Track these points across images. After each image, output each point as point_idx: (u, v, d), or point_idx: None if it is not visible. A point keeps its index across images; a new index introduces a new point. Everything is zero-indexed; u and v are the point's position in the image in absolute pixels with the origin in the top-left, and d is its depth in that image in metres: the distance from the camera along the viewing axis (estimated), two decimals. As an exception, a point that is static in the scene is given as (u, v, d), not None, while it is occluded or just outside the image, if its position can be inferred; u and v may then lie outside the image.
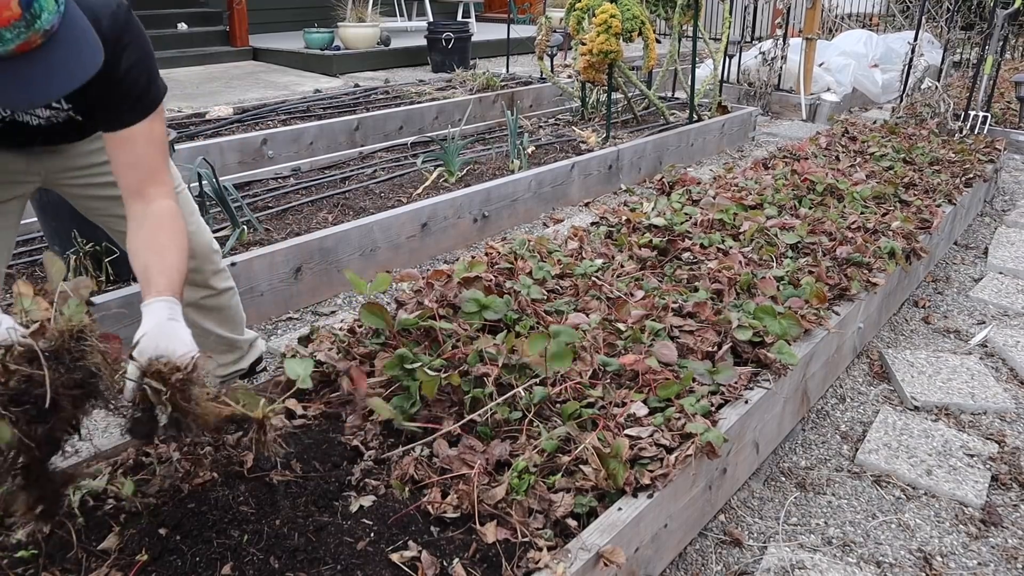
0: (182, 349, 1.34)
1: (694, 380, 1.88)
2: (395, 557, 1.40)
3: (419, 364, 1.79)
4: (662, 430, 1.69)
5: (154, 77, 1.59)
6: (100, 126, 1.59)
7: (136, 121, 1.56)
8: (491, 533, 1.46)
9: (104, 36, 1.44)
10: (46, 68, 1.26)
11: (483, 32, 10.06)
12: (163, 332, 1.37)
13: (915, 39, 5.38)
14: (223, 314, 2.21)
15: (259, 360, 2.38)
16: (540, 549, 1.41)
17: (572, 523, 1.49)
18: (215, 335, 2.20)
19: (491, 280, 2.22)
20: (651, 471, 1.60)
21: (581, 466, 1.60)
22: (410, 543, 1.45)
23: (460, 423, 1.71)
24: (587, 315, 2.15)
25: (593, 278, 2.40)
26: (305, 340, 2.09)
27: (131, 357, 1.29)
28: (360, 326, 2.07)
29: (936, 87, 5.24)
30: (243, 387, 1.40)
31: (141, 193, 1.56)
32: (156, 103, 1.60)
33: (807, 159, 3.91)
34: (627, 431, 1.68)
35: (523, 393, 1.78)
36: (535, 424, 1.71)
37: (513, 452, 1.65)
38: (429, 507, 1.52)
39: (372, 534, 1.47)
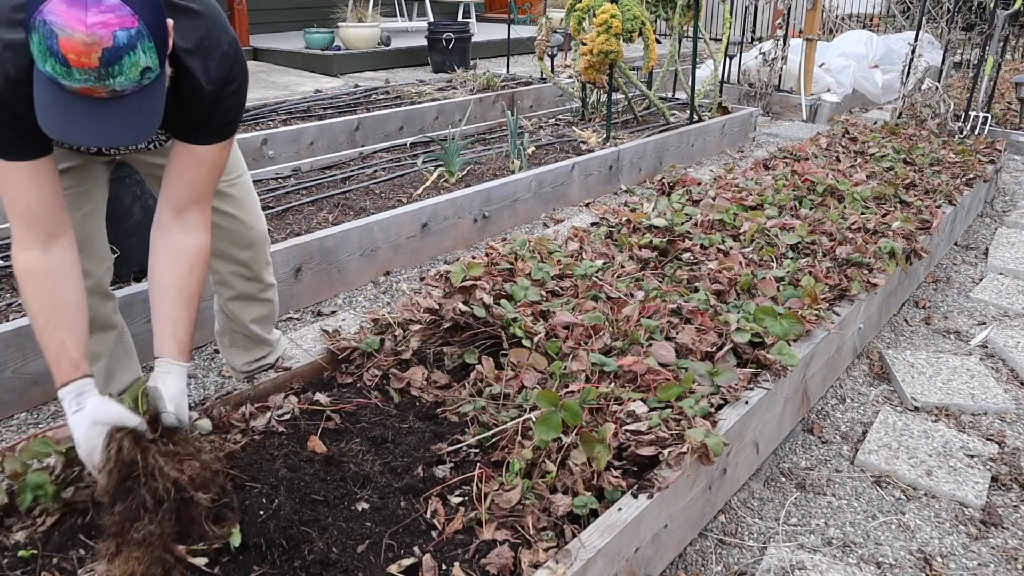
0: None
1: (694, 381, 1.88)
2: (393, 568, 1.40)
3: None
4: (662, 430, 1.69)
5: (241, 112, 1.63)
6: (175, 136, 1.60)
7: (209, 143, 1.59)
8: (491, 533, 1.46)
9: (213, 73, 1.50)
10: (96, 117, 1.28)
11: (483, 32, 10.06)
12: (182, 404, 1.48)
13: (915, 40, 5.38)
14: (266, 309, 2.24)
15: (280, 357, 2.40)
16: (540, 550, 1.41)
17: (572, 524, 1.49)
18: (249, 331, 2.22)
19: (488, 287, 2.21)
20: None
21: (572, 450, 1.59)
22: (411, 543, 1.45)
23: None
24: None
25: (593, 279, 2.40)
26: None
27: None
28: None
29: (936, 88, 5.24)
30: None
31: (182, 212, 1.59)
32: (232, 133, 1.64)
33: (807, 160, 3.91)
34: (626, 427, 1.68)
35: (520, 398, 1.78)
36: (531, 428, 1.71)
37: (508, 449, 1.65)
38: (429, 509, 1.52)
39: (373, 535, 1.47)
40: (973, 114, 5.09)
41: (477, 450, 1.70)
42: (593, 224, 3.04)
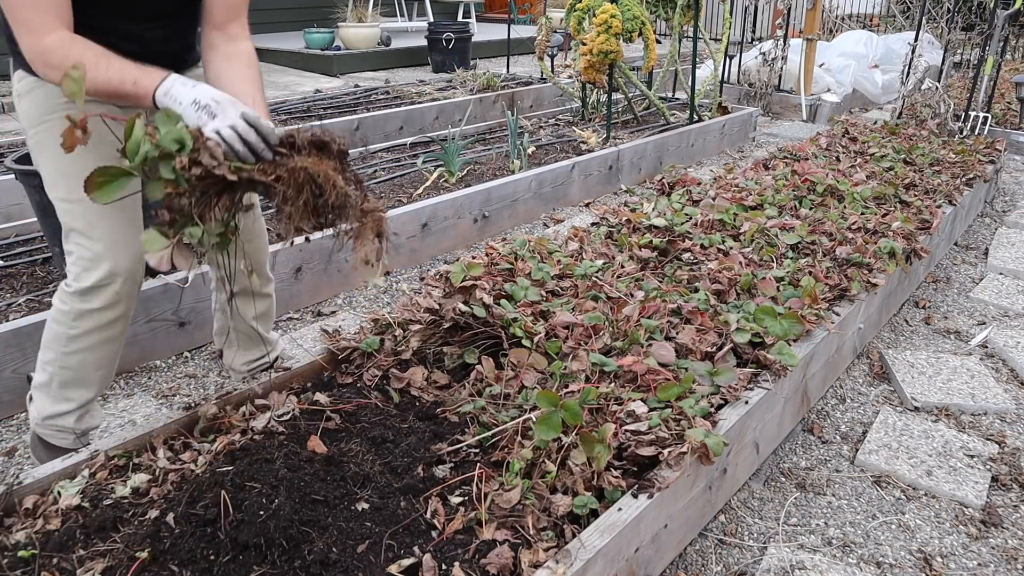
0: None
1: (694, 381, 1.88)
2: (393, 568, 1.40)
3: None
4: (662, 430, 1.69)
5: None
6: None
7: None
8: (491, 533, 1.46)
9: None
10: None
11: (483, 32, 10.07)
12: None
13: (915, 40, 5.38)
14: (266, 305, 2.25)
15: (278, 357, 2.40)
16: (540, 550, 1.41)
17: (572, 524, 1.49)
18: (250, 328, 2.22)
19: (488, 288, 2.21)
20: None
21: (572, 450, 1.59)
22: (411, 543, 1.45)
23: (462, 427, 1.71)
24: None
25: (593, 279, 2.40)
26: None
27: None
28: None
29: (936, 88, 5.24)
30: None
31: (224, 27, 1.79)
32: None
33: (807, 160, 3.91)
34: (626, 427, 1.68)
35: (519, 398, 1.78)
36: (530, 428, 1.72)
37: (508, 449, 1.65)
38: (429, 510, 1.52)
39: (373, 535, 1.47)
40: (973, 114, 5.09)
41: (477, 450, 1.70)
42: (593, 224, 3.04)
